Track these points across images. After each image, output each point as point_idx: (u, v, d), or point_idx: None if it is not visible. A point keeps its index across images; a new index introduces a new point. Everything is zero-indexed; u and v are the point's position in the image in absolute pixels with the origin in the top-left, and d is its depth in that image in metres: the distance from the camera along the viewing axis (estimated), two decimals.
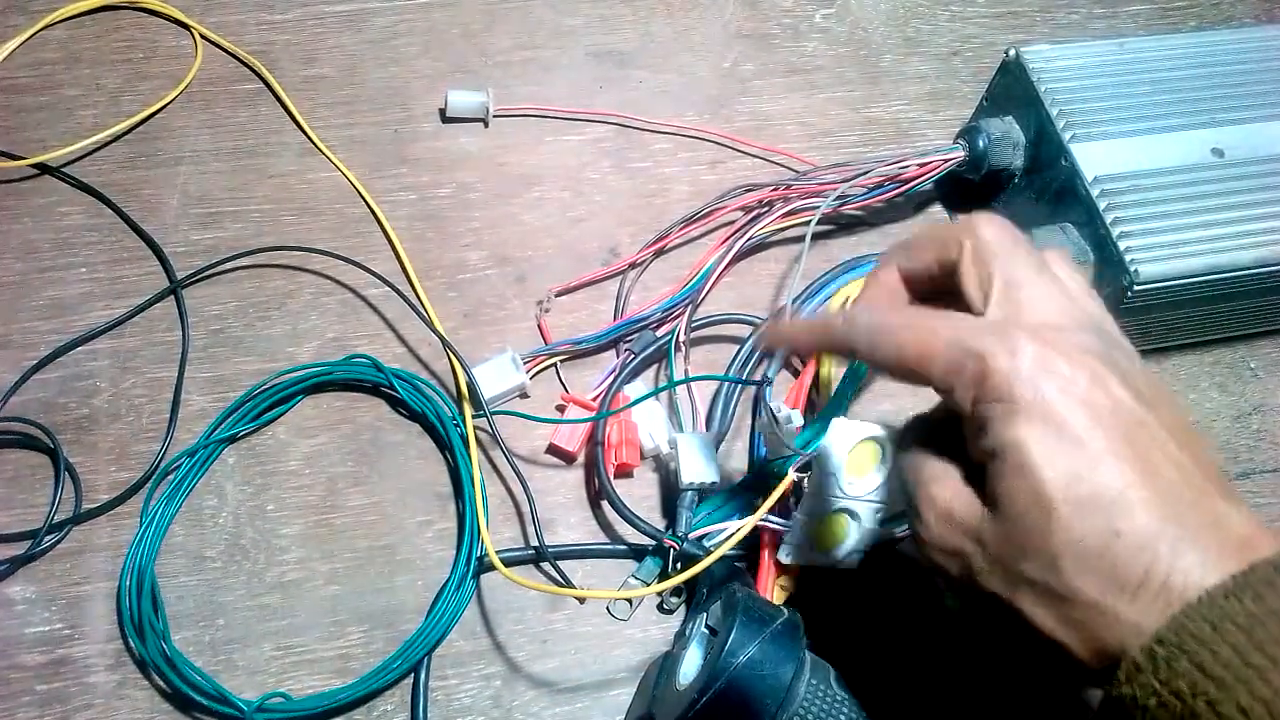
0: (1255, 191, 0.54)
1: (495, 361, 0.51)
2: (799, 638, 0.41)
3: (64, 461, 0.48)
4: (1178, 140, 0.55)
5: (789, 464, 0.44)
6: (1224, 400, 0.58)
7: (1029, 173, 0.57)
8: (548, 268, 0.57)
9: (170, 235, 0.55)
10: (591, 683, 0.46)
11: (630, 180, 0.61)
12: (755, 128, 0.63)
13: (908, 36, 0.69)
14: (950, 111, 0.66)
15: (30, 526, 0.47)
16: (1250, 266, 0.52)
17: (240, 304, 0.54)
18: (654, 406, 0.51)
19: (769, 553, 0.47)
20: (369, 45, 0.64)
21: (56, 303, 0.53)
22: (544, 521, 0.49)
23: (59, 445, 0.48)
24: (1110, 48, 0.59)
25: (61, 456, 0.48)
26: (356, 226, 0.57)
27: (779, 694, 0.39)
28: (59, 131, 0.58)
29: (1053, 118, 0.55)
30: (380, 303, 0.55)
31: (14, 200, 0.56)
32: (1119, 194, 0.52)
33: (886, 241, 0.60)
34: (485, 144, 0.61)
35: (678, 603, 0.48)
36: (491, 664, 0.46)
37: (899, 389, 0.55)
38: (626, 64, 0.65)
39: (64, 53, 0.61)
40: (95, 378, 0.51)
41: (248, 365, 0.52)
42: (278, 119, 0.60)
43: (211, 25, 0.63)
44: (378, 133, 0.61)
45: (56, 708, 0.44)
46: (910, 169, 0.56)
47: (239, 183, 0.58)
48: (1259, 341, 0.60)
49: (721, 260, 0.55)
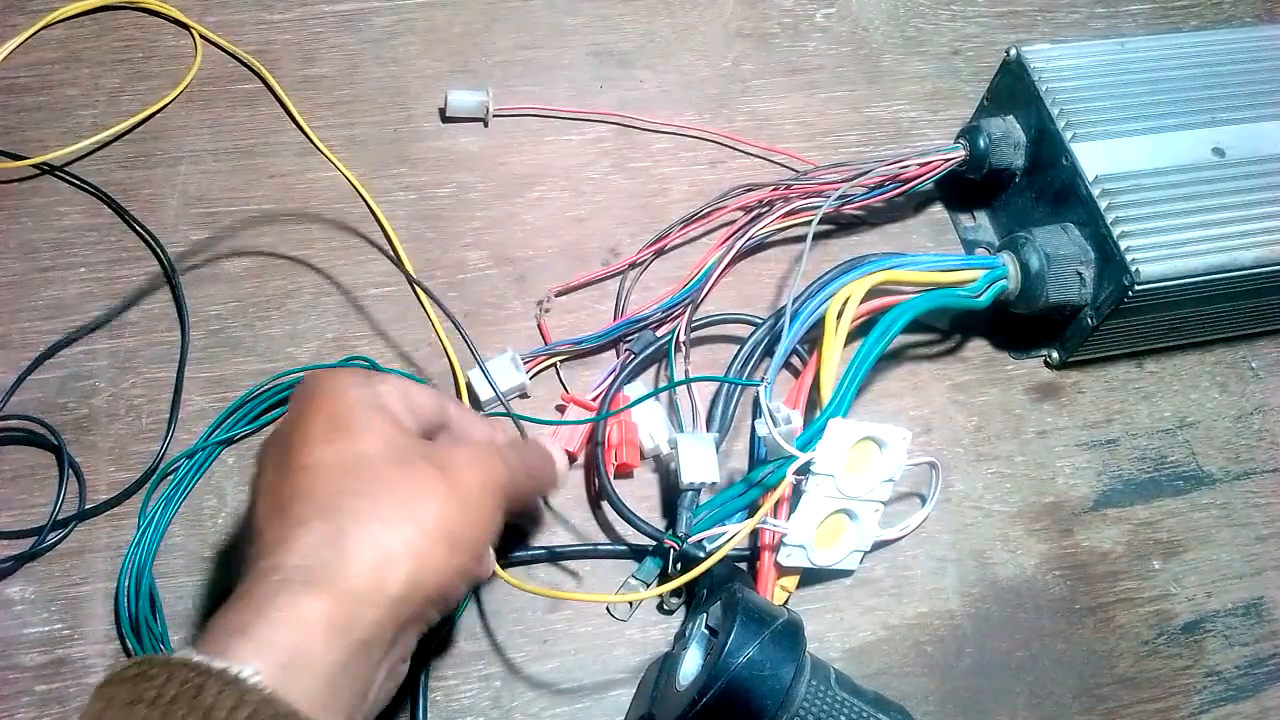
0: (1256, 191, 0.54)
1: (495, 362, 0.51)
2: (799, 638, 0.41)
3: (68, 458, 0.48)
4: (1178, 140, 0.55)
5: (788, 465, 0.44)
6: (1225, 400, 0.58)
7: (1030, 172, 0.57)
8: (548, 268, 0.57)
9: (170, 235, 0.55)
10: (591, 683, 0.46)
11: (630, 180, 0.61)
12: (755, 127, 0.63)
13: (908, 36, 0.69)
14: (951, 111, 0.66)
15: (32, 525, 0.47)
16: (1251, 266, 0.52)
17: (240, 304, 0.54)
18: (654, 407, 0.51)
19: (769, 553, 0.47)
20: (369, 45, 0.64)
21: (56, 302, 0.53)
22: (544, 521, 0.50)
23: (63, 442, 0.48)
24: (1111, 47, 0.59)
25: (65, 453, 0.48)
26: (356, 226, 0.57)
27: (779, 694, 0.39)
28: (58, 131, 0.58)
29: (1053, 117, 0.55)
30: (380, 303, 0.55)
31: (13, 200, 0.56)
32: (1120, 193, 0.52)
33: (887, 241, 0.60)
34: (485, 144, 0.61)
35: (678, 603, 0.48)
36: (491, 664, 0.46)
37: (899, 389, 0.56)
38: (627, 64, 0.65)
39: (63, 52, 0.61)
40: (95, 378, 0.51)
41: (247, 365, 0.52)
42: (277, 119, 0.60)
43: (211, 25, 0.63)
44: (377, 132, 0.61)
45: (55, 708, 0.44)
46: (911, 169, 0.56)
47: (238, 183, 0.58)
48: (1260, 341, 0.60)
49: (721, 260, 0.55)
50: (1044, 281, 0.52)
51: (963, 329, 0.58)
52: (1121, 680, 0.49)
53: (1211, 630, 0.51)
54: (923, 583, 0.50)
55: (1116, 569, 0.52)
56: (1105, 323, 0.53)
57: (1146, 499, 0.54)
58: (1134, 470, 0.55)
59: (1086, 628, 0.50)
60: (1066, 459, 0.55)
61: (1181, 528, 0.54)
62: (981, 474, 0.54)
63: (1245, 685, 0.50)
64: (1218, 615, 0.51)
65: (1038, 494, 0.54)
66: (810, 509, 0.45)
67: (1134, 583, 0.52)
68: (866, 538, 0.48)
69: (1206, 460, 0.56)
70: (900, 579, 0.50)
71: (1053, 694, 0.48)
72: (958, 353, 0.57)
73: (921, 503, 0.52)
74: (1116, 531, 0.53)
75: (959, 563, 0.51)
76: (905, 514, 0.51)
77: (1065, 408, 0.56)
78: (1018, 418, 0.56)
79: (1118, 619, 0.51)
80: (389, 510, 0.33)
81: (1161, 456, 0.55)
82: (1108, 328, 0.53)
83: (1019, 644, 0.49)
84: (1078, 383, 0.57)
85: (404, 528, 0.33)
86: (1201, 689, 0.49)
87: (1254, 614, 0.52)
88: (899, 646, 0.49)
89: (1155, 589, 0.52)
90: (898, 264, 0.50)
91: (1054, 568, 0.51)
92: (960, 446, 0.54)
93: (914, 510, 0.52)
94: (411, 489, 0.34)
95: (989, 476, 0.54)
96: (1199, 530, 0.54)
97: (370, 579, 0.32)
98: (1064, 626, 0.50)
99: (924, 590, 0.50)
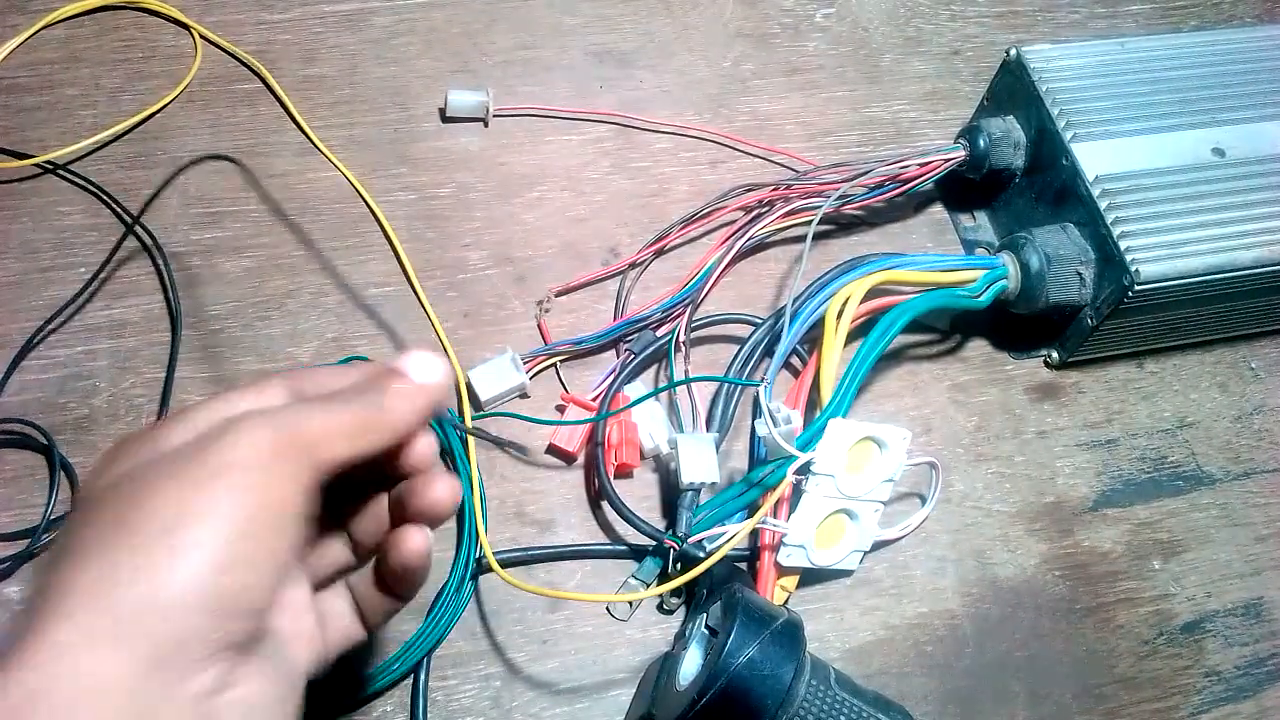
0: (1256, 191, 0.54)
1: (495, 362, 0.51)
2: (799, 638, 0.41)
3: (59, 459, 0.48)
4: (1178, 140, 0.55)
5: (788, 465, 0.44)
6: (1225, 400, 0.58)
7: (1029, 172, 0.57)
8: (548, 268, 0.57)
9: (170, 235, 0.55)
10: (591, 683, 0.46)
11: (630, 180, 0.61)
12: (755, 127, 0.63)
13: (908, 36, 0.69)
14: (951, 111, 0.66)
15: (31, 525, 0.47)
16: (1251, 266, 0.52)
17: (240, 304, 0.54)
18: (654, 407, 0.51)
19: (769, 553, 0.47)
20: (369, 45, 0.64)
21: (56, 302, 0.53)
22: (543, 522, 0.50)
23: (54, 444, 0.48)
24: (1111, 47, 0.59)
25: (56, 454, 0.48)
26: (356, 226, 0.57)
27: (779, 694, 0.39)
28: (59, 131, 0.58)
29: (1053, 117, 0.55)
30: (380, 303, 0.55)
31: (14, 200, 0.56)
32: (1120, 193, 0.52)
33: (887, 241, 0.60)
34: (485, 144, 0.61)
35: (677, 603, 0.48)
36: (491, 664, 0.46)
37: (899, 389, 0.56)
38: (627, 64, 0.65)
39: (64, 52, 0.61)
40: (95, 378, 0.51)
41: (248, 365, 0.52)
42: (277, 119, 0.60)
43: (211, 25, 0.63)
44: (377, 132, 0.61)
45: None
46: (911, 169, 0.56)
47: (239, 182, 0.58)
48: (1260, 341, 0.60)
49: (721, 260, 0.55)
50: (1044, 281, 0.52)
51: (963, 329, 0.58)
52: (1121, 680, 0.49)
53: (1211, 630, 0.51)
54: (922, 583, 0.50)
55: (1116, 569, 0.52)
56: (1105, 323, 0.53)
57: (1146, 499, 0.54)
58: (1134, 470, 0.55)
59: (1086, 628, 0.50)
60: (1066, 459, 0.55)
61: (1181, 528, 0.54)
62: (981, 474, 0.54)
63: (1245, 685, 0.50)
64: (1217, 615, 0.51)
65: (1038, 494, 0.54)
66: (810, 509, 0.46)
67: (1134, 583, 0.52)
68: (866, 538, 0.48)
69: (1206, 460, 0.56)
70: (900, 579, 0.50)
71: (1052, 694, 0.48)
72: (958, 353, 0.58)
73: (921, 503, 0.52)
74: (1116, 531, 0.53)
75: (959, 563, 0.51)
76: (905, 514, 0.51)
77: (1065, 408, 0.56)
78: (1018, 418, 0.56)
79: (1117, 619, 0.51)
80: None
81: (1161, 456, 0.56)
82: (1107, 328, 0.53)
83: (1019, 644, 0.49)
84: (1078, 383, 0.57)
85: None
86: (1201, 689, 0.49)
87: (1254, 614, 0.52)
88: (899, 646, 0.49)
89: (1155, 589, 0.52)
90: (898, 264, 0.50)
91: (1054, 568, 0.52)
92: (960, 446, 0.54)
93: (914, 510, 0.52)
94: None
95: (989, 476, 0.54)
96: (1199, 530, 0.54)
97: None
98: (1064, 626, 0.50)
99: (924, 590, 0.50)
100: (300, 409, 0.30)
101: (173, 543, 0.26)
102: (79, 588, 0.26)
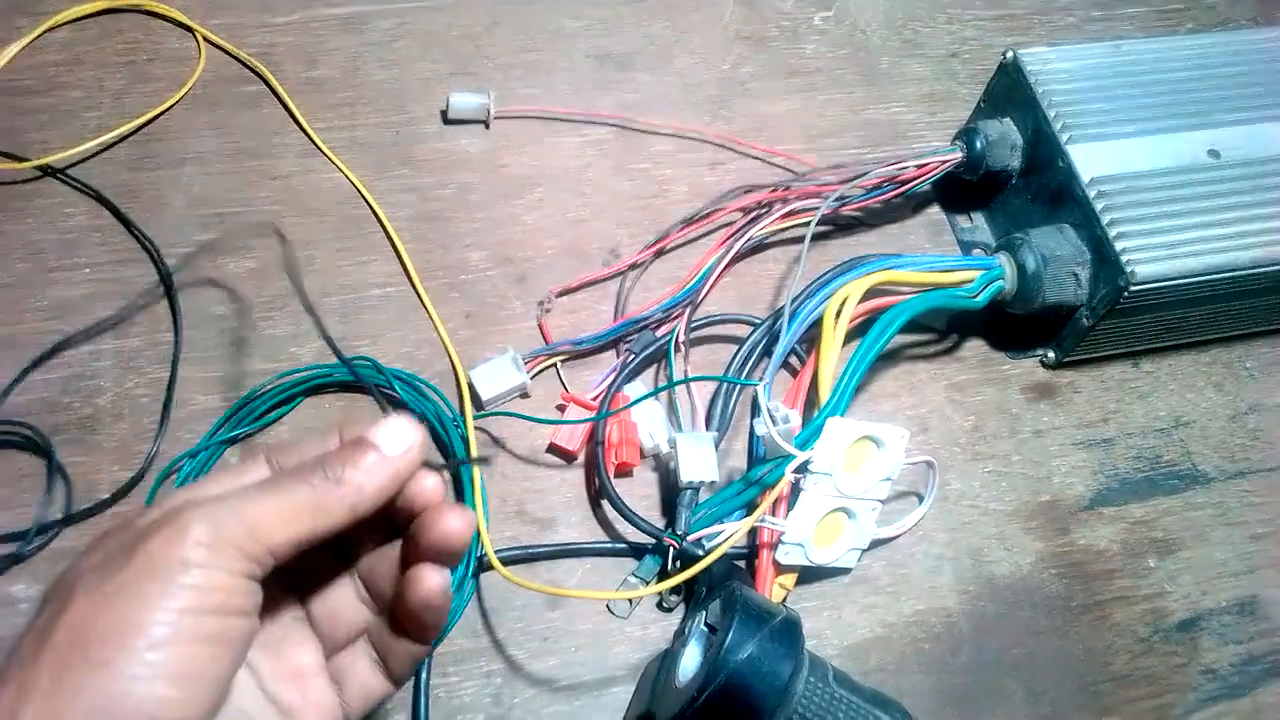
0: (1251, 192, 0.54)
1: (496, 361, 0.52)
2: (798, 635, 0.41)
3: (56, 463, 0.48)
4: (1174, 141, 0.56)
5: (786, 464, 0.44)
6: (1220, 400, 0.58)
7: (1026, 174, 0.58)
8: (549, 268, 0.57)
9: (174, 236, 0.56)
10: (591, 680, 0.47)
11: (630, 181, 0.61)
12: (754, 129, 0.64)
13: (906, 39, 0.70)
14: (948, 113, 0.66)
15: (29, 526, 0.47)
16: (1246, 267, 0.52)
17: (243, 304, 0.54)
18: (654, 406, 0.52)
19: (767, 551, 0.47)
20: (370, 47, 0.64)
21: (60, 303, 0.53)
22: (544, 521, 0.50)
23: (52, 446, 0.48)
24: (1107, 50, 0.59)
25: (54, 457, 0.48)
26: (359, 227, 0.57)
27: (778, 691, 0.39)
28: (63, 133, 0.58)
29: (1050, 119, 0.55)
30: (381, 304, 0.55)
31: (18, 201, 0.56)
32: (1115, 195, 0.53)
33: (885, 242, 0.61)
34: (486, 145, 0.61)
35: (677, 601, 0.48)
36: (492, 662, 0.47)
37: (897, 388, 0.56)
38: (627, 66, 0.66)
39: (67, 55, 0.62)
40: (99, 378, 0.51)
41: (251, 365, 0.52)
42: (280, 120, 0.61)
43: (214, 27, 0.63)
44: (379, 134, 0.61)
45: None
46: (908, 170, 0.56)
47: (242, 184, 0.58)
48: (1255, 341, 0.60)
49: (721, 261, 0.55)
50: (1040, 282, 0.52)
51: (960, 329, 0.58)
52: (1117, 678, 0.49)
53: (1206, 628, 0.51)
54: (920, 581, 0.51)
55: (1112, 567, 0.52)
56: (1101, 323, 0.53)
57: (1142, 498, 0.54)
58: (1130, 469, 0.55)
59: (1082, 625, 0.50)
60: (1062, 458, 0.55)
61: (1177, 526, 0.54)
62: (978, 473, 0.54)
63: (1240, 682, 0.50)
64: (1213, 613, 0.52)
65: (1034, 493, 0.54)
66: (808, 507, 0.46)
67: (1129, 581, 0.52)
68: (864, 536, 0.48)
69: (1202, 459, 0.56)
70: (898, 577, 0.51)
71: (1049, 691, 0.49)
72: (955, 353, 0.58)
73: (919, 501, 0.52)
74: (1112, 530, 0.53)
75: (956, 561, 0.51)
76: (903, 512, 0.52)
77: (1061, 407, 0.57)
78: (1014, 417, 0.56)
79: (1113, 617, 0.51)
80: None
81: (1157, 456, 0.56)
82: (1103, 328, 0.54)
83: (1015, 641, 0.50)
84: (1074, 382, 0.58)
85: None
86: (1197, 686, 0.50)
87: (1248, 612, 0.52)
88: (896, 644, 0.49)
89: (1151, 587, 0.52)
90: (895, 264, 0.51)
91: (1050, 566, 0.52)
92: (957, 445, 0.55)
93: (911, 509, 0.52)
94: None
95: (986, 475, 0.54)
96: (1194, 529, 0.54)
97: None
98: (1060, 624, 0.50)
99: (921, 588, 0.50)
100: (245, 496, 0.30)
101: (106, 656, 0.26)
102: (34, 690, 0.26)
